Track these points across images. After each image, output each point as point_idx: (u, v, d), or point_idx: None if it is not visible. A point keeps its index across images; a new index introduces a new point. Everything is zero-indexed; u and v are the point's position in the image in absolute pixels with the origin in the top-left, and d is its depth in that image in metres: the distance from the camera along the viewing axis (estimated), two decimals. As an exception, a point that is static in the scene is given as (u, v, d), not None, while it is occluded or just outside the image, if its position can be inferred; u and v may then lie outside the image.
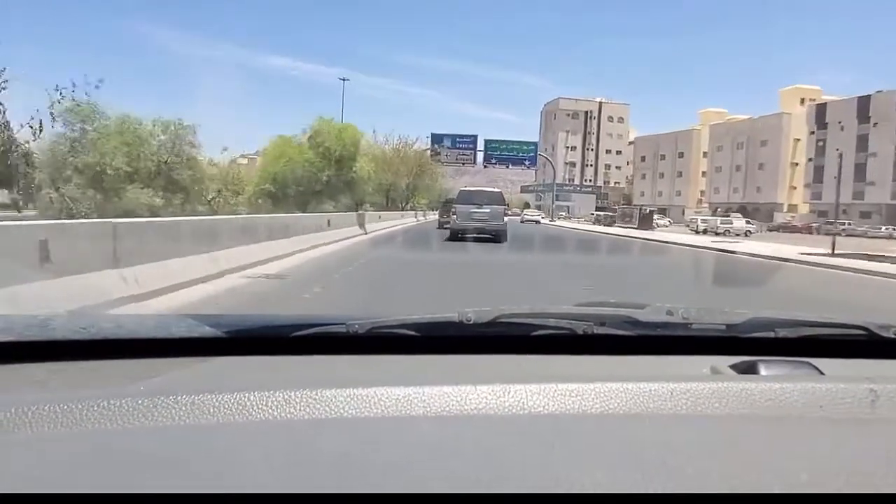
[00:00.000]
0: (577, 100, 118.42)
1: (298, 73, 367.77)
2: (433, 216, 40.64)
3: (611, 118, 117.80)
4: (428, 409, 0.74)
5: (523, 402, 0.75)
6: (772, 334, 1.12)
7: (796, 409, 0.77)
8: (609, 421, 0.74)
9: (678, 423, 0.74)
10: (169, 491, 0.57)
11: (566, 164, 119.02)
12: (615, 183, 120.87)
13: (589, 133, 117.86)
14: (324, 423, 0.71)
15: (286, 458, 0.65)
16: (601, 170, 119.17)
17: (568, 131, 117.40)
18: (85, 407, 0.70)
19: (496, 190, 21.67)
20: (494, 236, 17.88)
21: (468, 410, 0.74)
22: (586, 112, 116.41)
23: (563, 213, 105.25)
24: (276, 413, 0.72)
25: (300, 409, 0.73)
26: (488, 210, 18.14)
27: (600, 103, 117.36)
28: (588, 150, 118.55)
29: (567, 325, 1.10)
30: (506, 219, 19.21)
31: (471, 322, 1.08)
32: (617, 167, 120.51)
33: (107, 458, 0.65)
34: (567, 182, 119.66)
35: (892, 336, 1.10)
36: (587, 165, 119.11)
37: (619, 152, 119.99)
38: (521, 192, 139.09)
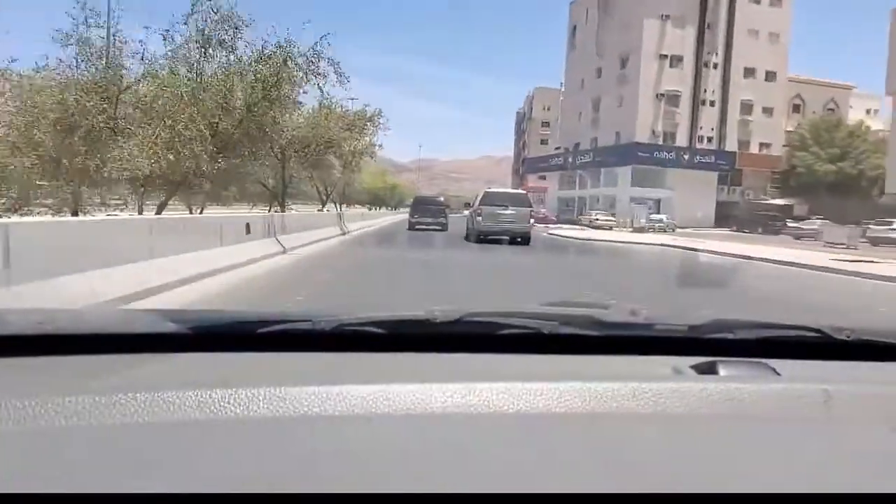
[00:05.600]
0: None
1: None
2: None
3: (756, -5, 50.70)
4: (394, 408, 0.74)
5: (489, 401, 0.76)
6: (731, 335, 1.15)
7: (753, 409, 0.79)
8: (573, 420, 0.75)
9: (640, 423, 0.76)
10: (127, 491, 0.56)
11: (657, 97, 50.70)
12: (761, 147, 53.60)
13: (708, 27, 50.55)
14: (289, 421, 0.71)
15: (250, 456, 0.65)
16: (733, 115, 51.98)
17: (665, 17, 49.62)
18: (39, 404, 0.69)
19: (521, 191, 23.30)
20: (520, 239, 17.85)
21: (434, 409, 0.75)
22: (705, -26, 49.05)
23: (645, 220, 38.91)
24: (240, 411, 0.71)
25: (265, 407, 0.72)
26: (514, 212, 18.09)
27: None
28: (708, 65, 51.17)
29: (533, 325, 1.12)
30: (532, 220, 19.21)
31: (438, 321, 1.09)
32: (765, 110, 53.24)
33: (62, 458, 0.63)
34: (658, 139, 51.67)
35: (845, 338, 1.14)
36: (705, 103, 51.46)
37: (770, 76, 52.90)
38: (524, 172, 71.55)
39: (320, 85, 13.78)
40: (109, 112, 10.67)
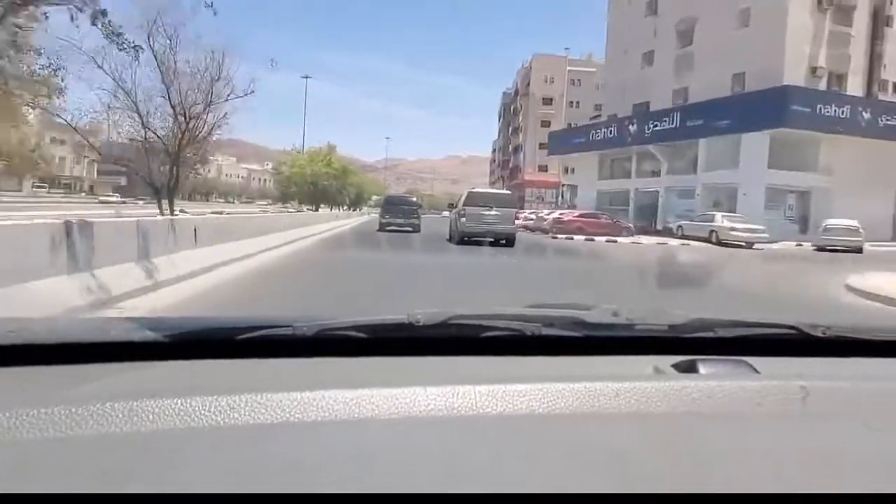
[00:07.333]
0: None
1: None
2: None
3: None
4: (377, 412, 0.74)
5: (472, 404, 0.77)
6: (711, 334, 1.17)
7: (733, 406, 0.80)
8: (556, 421, 0.76)
9: (623, 422, 0.77)
10: (109, 491, 0.57)
11: (819, 6, 28.61)
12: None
13: None
14: (271, 428, 0.71)
15: (232, 464, 0.64)
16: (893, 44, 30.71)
17: None
18: (13, 415, 0.68)
19: (506, 192, 23.31)
20: (504, 241, 17.74)
21: (417, 413, 0.75)
22: None
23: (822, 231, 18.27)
24: (220, 419, 0.71)
25: (246, 414, 0.72)
26: (499, 213, 17.91)
27: None
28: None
29: (516, 327, 1.13)
30: (517, 222, 19.08)
31: (420, 324, 1.09)
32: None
33: (37, 470, 0.62)
34: (820, 83, 29.51)
35: (821, 335, 1.17)
36: (891, 22, 30.03)
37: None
38: (548, 153, 50.12)
39: None
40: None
